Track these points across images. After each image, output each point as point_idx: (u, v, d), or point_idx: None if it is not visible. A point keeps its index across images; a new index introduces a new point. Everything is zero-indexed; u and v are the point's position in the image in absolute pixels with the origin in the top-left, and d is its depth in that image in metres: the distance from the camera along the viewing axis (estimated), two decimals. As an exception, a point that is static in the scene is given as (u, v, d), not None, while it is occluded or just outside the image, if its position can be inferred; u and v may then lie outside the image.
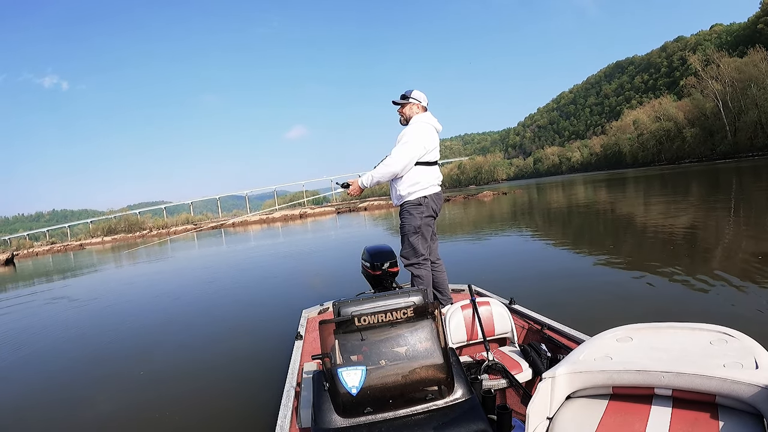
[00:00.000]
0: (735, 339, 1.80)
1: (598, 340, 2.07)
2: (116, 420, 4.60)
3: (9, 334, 9.48)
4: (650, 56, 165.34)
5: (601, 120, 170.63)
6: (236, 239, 36.21)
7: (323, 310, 4.90)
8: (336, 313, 2.06)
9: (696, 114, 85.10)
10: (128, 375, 5.92)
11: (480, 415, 1.92)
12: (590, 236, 13.39)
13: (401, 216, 4.27)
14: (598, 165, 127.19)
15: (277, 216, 65.44)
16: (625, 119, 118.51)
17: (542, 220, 19.99)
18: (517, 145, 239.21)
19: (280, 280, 11.54)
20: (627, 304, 6.10)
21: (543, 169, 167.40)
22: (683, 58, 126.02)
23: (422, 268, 4.19)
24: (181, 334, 7.80)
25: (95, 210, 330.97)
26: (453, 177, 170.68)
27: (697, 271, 7.12)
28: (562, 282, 7.69)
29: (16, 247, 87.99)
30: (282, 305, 8.57)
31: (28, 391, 5.94)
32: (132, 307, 11.09)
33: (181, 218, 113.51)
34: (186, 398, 4.95)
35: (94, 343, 8.07)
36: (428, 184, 4.21)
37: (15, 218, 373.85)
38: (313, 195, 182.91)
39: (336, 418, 1.91)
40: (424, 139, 4.12)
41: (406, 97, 4.37)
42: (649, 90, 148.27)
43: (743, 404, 1.51)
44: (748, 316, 5.09)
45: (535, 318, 3.66)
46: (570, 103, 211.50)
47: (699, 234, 10.60)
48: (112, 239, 77.61)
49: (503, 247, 13.14)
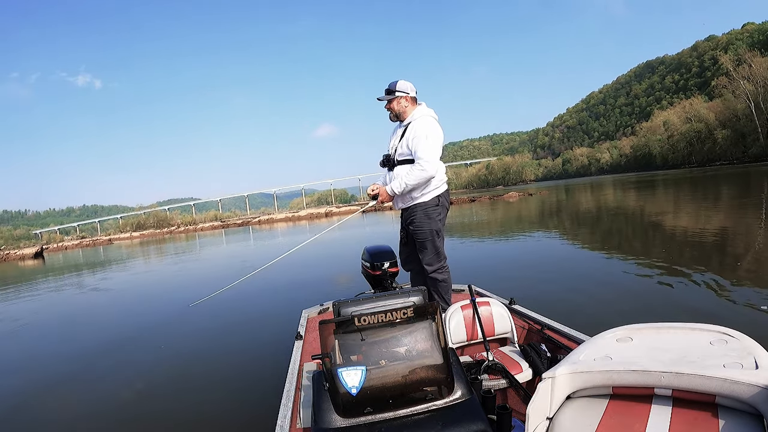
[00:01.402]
0: (735, 339, 1.80)
1: (598, 340, 2.07)
2: (116, 420, 4.64)
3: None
4: (681, 56, 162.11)
5: (631, 121, 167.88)
6: (261, 236, 36.65)
7: (323, 310, 4.91)
8: (336, 313, 2.07)
9: (727, 115, 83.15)
10: (128, 374, 6.00)
11: (480, 415, 1.91)
12: (617, 239, 13.22)
13: (415, 220, 4.05)
14: (627, 166, 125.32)
15: (303, 214, 65.95)
16: (655, 120, 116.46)
17: (568, 222, 19.88)
18: (546, 145, 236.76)
19: (280, 279, 11.56)
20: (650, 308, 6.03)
21: (572, 170, 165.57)
22: (714, 58, 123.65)
23: (445, 272, 4.10)
24: (180, 334, 7.87)
25: (125, 206, 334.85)
26: (481, 177, 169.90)
27: (725, 276, 7.04)
28: (588, 287, 7.62)
29: (47, 241, 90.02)
30: (282, 305, 8.61)
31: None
32: (132, 306, 11.32)
33: (209, 215, 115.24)
34: (186, 397, 5.01)
35: (90, 337, 8.36)
36: (441, 182, 4.07)
37: (46, 213, 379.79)
38: (341, 194, 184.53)
39: (336, 418, 1.91)
40: (439, 134, 3.93)
41: (391, 91, 4.04)
42: (680, 90, 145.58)
43: (743, 404, 1.51)
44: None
45: (535, 318, 3.66)
46: (599, 104, 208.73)
47: (728, 239, 10.41)
48: (141, 235, 78.90)
49: (521, 248, 13.16)
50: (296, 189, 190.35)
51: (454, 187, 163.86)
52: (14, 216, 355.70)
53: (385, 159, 4.18)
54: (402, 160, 4.01)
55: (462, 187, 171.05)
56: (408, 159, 3.96)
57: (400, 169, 4.00)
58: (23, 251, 54.15)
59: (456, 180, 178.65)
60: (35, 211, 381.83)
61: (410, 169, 3.87)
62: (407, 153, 3.95)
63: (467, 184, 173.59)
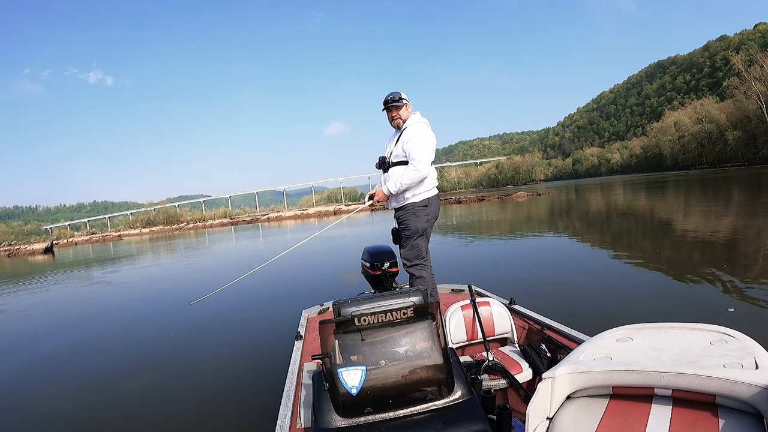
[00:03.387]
0: (735, 339, 1.81)
1: (598, 340, 2.08)
2: (116, 419, 4.66)
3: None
4: (692, 56, 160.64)
5: (642, 121, 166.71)
6: (268, 233, 36.85)
7: (323, 310, 4.93)
8: (336, 313, 2.07)
9: (739, 116, 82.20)
10: (128, 373, 6.03)
11: (480, 415, 1.92)
12: (626, 240, 13.15)
13: (403, 218, 4.26)
14: (637, 167, 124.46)
15: (312, 212, 66.13)
16: (666, 120, 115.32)
17: (576, 223, 19.79)
18: (556, 145, 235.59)
19: (281, 279, 11.55)
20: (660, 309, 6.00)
21: (582, 170, 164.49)
22: (726, 58, 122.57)
23: (424, 270, 4.23)
24: (180, 333, 7.88)
25: (135, 202, 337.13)
26: (491, 176, 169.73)
27: (730, 278, 7.02)
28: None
29: (57, 236, 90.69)
30: (282, 305, 8.61)
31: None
32: (130, 305, 11.35)
33: (218, 212, 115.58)
34: (186, 397, 5.02)
35: (90, 338, 8.40)
36: (431, 186, 4.26)
37: (57, 208, 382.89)
38: (351, 192, 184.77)
39: (336, 418, 1.92)
40: (432, 138, 4.17)
41: (399, 99, 4.25)
42: (691, 91, 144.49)
43: (743, 404, 1.51)
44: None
45: (535, 318, 3.68)
46: (610, 104, 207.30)
47: (738, 242, 10.32)
48: (150, 231, 79.32)
49: (523, 248, 13.22)
50: (306, 187, 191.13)
51: (463, 186, 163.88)
52: (25, 211, 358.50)
53: (381, 161, 4.41)
54: (397, 161, 4.23)
55: (471, 186, 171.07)
56: (402, 161, 4.17)
57: (395, 170, 4.21)
58: (33, 246, 54.70)
59: (466, 179, 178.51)
60: (46, 207, 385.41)
61: (404, 169, 4.10)
62: (402, 155, 4.17)
63: (477, 183, 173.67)
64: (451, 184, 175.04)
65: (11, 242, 77.53)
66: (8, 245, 69.66)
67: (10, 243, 75.42)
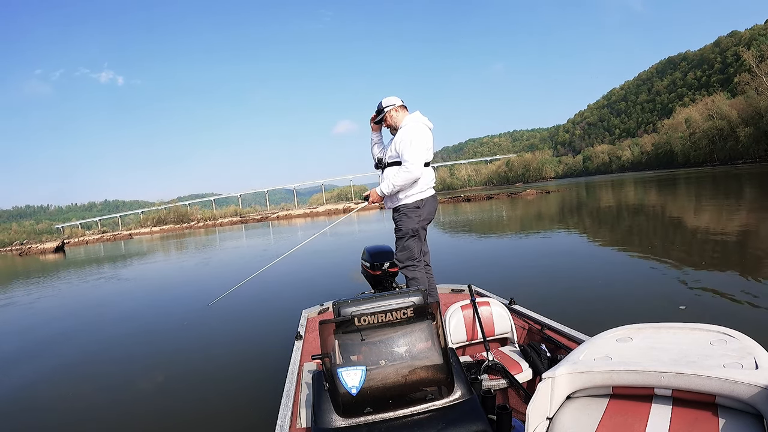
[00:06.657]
0: (735, 339, 1.80)
1: (598, 340, 2.08)
2: (116, 419, 4.70)
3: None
4: (703, 52, 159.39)
5: (653, 117, 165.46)
6: (277, 231, 37.01)
7: (323, 310, 4.94)
8: (336, 313, 2.08)
9: (750, 113, 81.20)
10: (128, 373, 6.07)
11: (480, 415, 1.93)
12: (636, 239, 13.01)
13: (397, 219, 4.32)
14: (648, 164, 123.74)
15: (321, 210, 66.30)
16: (677, 117, 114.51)
17: (586, 221, 19.66)
18: (567, 142, 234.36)
19: (281, 279, 11.55)
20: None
21: (592, 167, 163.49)
22: (737, 54, 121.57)
23: (417, 270, 4.25)
24: (180, 333, 7.91)
25: (146, 201, 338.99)
26: (501, 174, 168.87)
27: (732, 277, 7.02)
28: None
29: (68, 235, 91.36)
30: (282, 305, 8.61)
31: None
32: (131, 304, 11.44)
33: (229, 210, 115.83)
34: (186, 397, 5.04)
35: (90, 337, 8.47)
36: (426, 187, 4.29)
37: (68, 207, 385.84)
38: (361, 190, 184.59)
39: (336, 418, 1.93)
40: (425, 138, 4.18)
41: (380, 111, 4.39)
42: (702, 87, 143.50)
43: (743, 404, 1.51)
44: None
45: (535, 318, 3.67)
46: (621, 100, 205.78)
47: (750, 240, 10.23)
48: (161, 230, 79.69)
49: (525, 248, 13.13)
50: (316, 185, 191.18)
51: (474, 184, 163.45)
52: (37, 210, 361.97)
53: (378, 161, 4.54)
54: (391, 162, 4.30)
55: (482, 183, 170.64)
56: (397, 161, 4.23)
57: (389, 171, 4.29)
58: (44, 245, 55.13)
59: (476, 176, 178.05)
60: (57, 206, 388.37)
61: (397, 170, 4.17)
62: (395, 156, 4.23)
63: (487, 180, 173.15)
64: (461, 182, 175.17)
65: (23, 241, 78.19)
66: (20, 244, 70.34)
67: (21, 242, 76.11)
